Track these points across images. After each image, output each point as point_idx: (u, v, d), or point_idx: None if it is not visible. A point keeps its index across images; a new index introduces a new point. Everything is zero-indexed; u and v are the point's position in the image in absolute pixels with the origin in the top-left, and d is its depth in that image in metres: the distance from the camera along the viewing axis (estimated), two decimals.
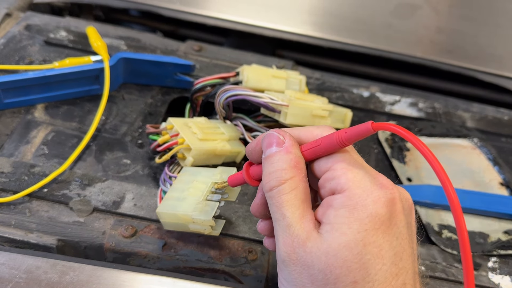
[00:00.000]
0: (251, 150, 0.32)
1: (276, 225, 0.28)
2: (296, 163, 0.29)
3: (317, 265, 0.26)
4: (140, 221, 0.41)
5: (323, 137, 0.29)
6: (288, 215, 0.28)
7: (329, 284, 0.26)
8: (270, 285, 0.40)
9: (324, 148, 0.28)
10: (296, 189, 0.28)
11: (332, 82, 0.61)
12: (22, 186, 0.41)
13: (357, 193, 0.26)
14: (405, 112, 0.58)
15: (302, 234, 0.27)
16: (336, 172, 0.28)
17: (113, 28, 0.62)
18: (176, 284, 0.36)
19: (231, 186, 0.35)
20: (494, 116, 0.61)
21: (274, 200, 0.28)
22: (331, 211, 0.27)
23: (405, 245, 0.27)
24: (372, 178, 0.27)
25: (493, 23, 0.72)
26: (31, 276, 0.35)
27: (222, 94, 0.45)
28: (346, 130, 0.27)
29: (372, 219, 0.26)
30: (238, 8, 0.69)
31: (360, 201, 0.26)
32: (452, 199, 0.24)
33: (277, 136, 0.30)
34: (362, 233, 0.26)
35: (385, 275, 0.26)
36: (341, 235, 0.26)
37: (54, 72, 0.47)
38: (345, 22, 0.70)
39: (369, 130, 0.26)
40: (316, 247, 0.26)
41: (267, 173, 0.29)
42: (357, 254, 0.25)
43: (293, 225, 0.27)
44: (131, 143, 0.48)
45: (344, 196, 0.27)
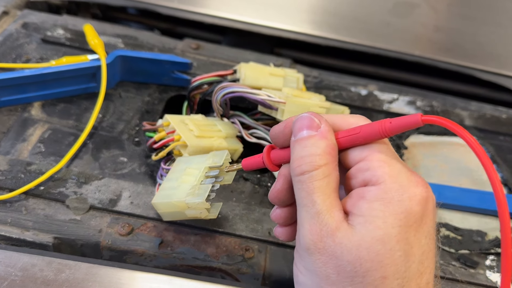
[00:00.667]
0: (277, 132, 0.31)
1: (303, 211, 0.27)
2: (331, 149, 0.28)
3: (346, 257, 0.25)
4: (137, 219, 0.41)
5: (364, 126, 0.28)
6: (318, 202, 0.27)
7: (358, 277, 0.25)
8: (267, 283, 0.39)
9: (363, 137, 0.27)
10: (329, 177, 0.27)
11: (330, 81, 0.61)
12: (18, 184, 0.41)
13: (394, 188, 0.26)
14: (403, 110, 0.58)
15: (332, 223, 0.26)
16: (372, 163, 0.27)
17: (111, 26, 0.62)
18: (173, 282, 0.36)
19: (244, 169, 0.34)
20: (492, 115, 0.61)
21: (304, 185, 0.27)
22: (364, 202, 0.26)
23: (431, 245, 0.27)
24: (409, 174, 0.27)
25: (492, 21, 0.72)
26: (27, 273, 0.35)
27: (219, 92, 0.44)
28: (391, 120, 0.27)
29: (407, 216, 0.26)
30: (236, 6, 0.68)
31: (397, 196, 0.26)
32: (499, 197, 0.24)
33: (313, 119, 0.28)
34: (396, 229, 0.25)
35: (413, 272, 0.26)
36: (375, 229, 0.25)
37: (51, 70, 0.47)
38: (343, 20, 0.70)
39: (417, 122, 0.26)
40: (347, 238, 0.26)
41: (298, 157, 0.28)
42: (390, 249, 0.25)
43: (323, 213, 0.26)
44: (128, 141, 0.48)
45: (379, 189, 0.26)
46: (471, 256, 0.44)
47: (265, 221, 0.42)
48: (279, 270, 0.39)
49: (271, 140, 0.32)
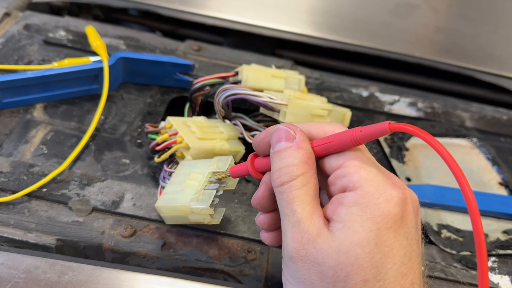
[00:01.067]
0: (258, 142, 0.32)
1: (285, 220, 0.28)
2: (307, 158, 0.28)
3: (327, 263, 0.26)
4: (139, 221, 0.41)
5: (337, 134, 0.29)
6: (298, 211, 0.27)
7: (339, 281, 0.26)
8: (269, 284, 0.40)
9: (336, 145, 0.28)
10: (307, 185, 0.28)
11: (331, 82, 0.61)
12: (21, 185, 0.41)
13: (370, 191, 0.26)
14: (404, 112, 0.58)
15: (312, 230, 0.27)
16: (348, 169, 0.28)
17: (112, 27, 0.62)
18: (175, 284, 0.36)
19: (232, 177, 0.35)
20: (493, 116, 0.61)
21: (284, 195, 0.28)
22: (342, 208, 0.27)
23: (414, 245, 0.27)
24: (385, 177, 0.27)
25: (492, 22, 0.72)
26: (30, 276, 0.35)
27: (221, 94, 0.45)
28: (361, 128, 0.27)
29: (385, 218, 0.26)
30: (237, 8, 0.69)
31: (373, 199, 0.26)
32: (469, 200, 0.24)
33: (287, 131, 0.29)
34: (374, 232, 0.26)
35: (395, 274, 0.26)
36: (353, 233, 0.26)
37: (53, 71, 0.47)
38: (344, 21, 0.70)
39: (385, 130, 0.26)
40: (327, 244, 0.26)
41: (277, 168, 0.29)
42: (369, 252, 0.25)
43: (303, 221, 0.27)
44: (130, 142, 0.48)
45: (356, 194, 0.27)
46: (473, 258, 0.44)
47: None
48: (281, 272, 0.39)
49: (254, 148, 0.33)
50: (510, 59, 0.70)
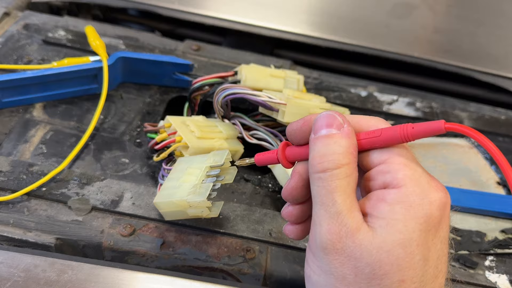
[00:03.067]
0: (294, 129, 0.30)
1: (321, 210, 0.27)
2: (353, 149, 0.27)
3: (366, 259, 0.25)
4: (139, 220, 0.41)
5: (384, 129, 0.28)
6: (339, 202, 0.26)
7: (375, 279, 0.25)
8: (268, 283, 0.40)
9: (383, 140, 0.27)
10: (350, 177, 0.27)
11: (330, 82, 0.61)
12: (20, 185, 0.41)
13: (415, 192, 0.26)
14: (403, 111, 0.59)
15: (352, 224, 0.26)
16: (392, 166, 0.27)
17: (112, 27, 0.62)
18: (174, 283, 0.36)
19: (257, 165, 0.34)
20: (491, 116, 0.61)
21: (325, 183, 0.27)
22: (384, 205, 0.26)
23: (445, 250, 0.27)
24: (429, 178, 0.27)
25: (490, 23, 0.72)
26: (30, 274, 0.35)
27: (220, 93, 0.45)
28: (413, 125, 0.26)
29: (427, 220, 0.26)
30: (236, 8, 0.69)
31: (417, 200, 0.26)
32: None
33: (337, 118, 0.28)
34: (416, 233, 0.25)
35: (428, 276, 0.26)
36: (396, 232, 0.25)
37: (53, 71, 0.47)
38: (342, 21, 0.70)
39: (440, 129, 0.26)
40: (367, 240, 0.26)
41: (320, 154, 0.27)
42: (410, 253, 0.25)
43: (343, 213, 0.26)
44: (130, 142, 0.48)
45: (400, 192, 0.26)
46: (471, 257, 0.44)
47: (266, 222, 0.43)
48: (280, 270, 0.40)
49: (288, 137, 0.31)
50: (508, 59, 0.70)
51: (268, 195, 0.46)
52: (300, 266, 0.40)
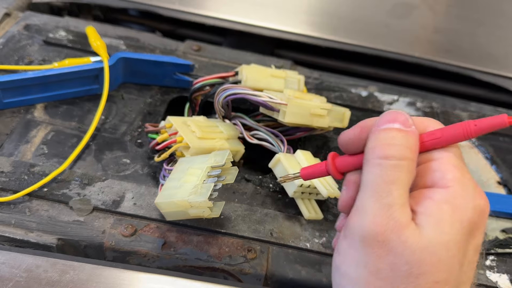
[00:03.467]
0: (351, 138, 0.29)
1: (372, 199, 0.26)
2: (416, 150, 0.27)
3: (407, 257, 0.25)
4: (140, 220, 0.41)
5: (445, 129, 0.27)
6: (395, 195, 0.25)
7: (411, 277, 0.25)
8: (269, 283, 0.40)
9: (445, 141, 0.27)
10: (410, 174, 0.26)
11: (331, 82, 0.61)
12: (22, 185, 0.41)
13: (462, 195, 0.26)
14: (403, 111, 0.59)
15: (402, 219, 0.25)
16: (442, 165, 0.27)
17: (112, 28, 0.62)
18: (176, 283, 0.36)
19: (304, 179, 0.33)
20: (492, 115, 0.61)
21: (384, 171, 0.26)
22: (431, 203, 0.26)
23: (476, 257, 0.27)
24: (475, 184, 0.27)
25: (491, 22, 0.73)
26: (31, 275, 0.35)
27: (221, 93, 0.45)
28: (475, 122, 0.26)
29: (469, 225, 0.26)
30: (236, 8, 0.69)
31: (464, 203, 0.26)
32: None
33: (406, 117, 0.27)
34: (459, 236, 0.25)
35: (458, 280, 0.26)
36: (443, 234, 0.25)
37: (54, 71, 0.47)
38: (343, 22, 0.70)
39: (503, 123, 0.26)
40: (413, 239, 0.25)
41: (385, 142, 0.26)
42: (450, 256, 0.25)
43: (395, 207, 0.25)
44: (131, 142, 0.48)
45: (448, 192, 0.26)
46: None
47: (267, 222, 0.43)
48: (281, 270, 0.40)
49: (341, 147, 0.30)
50: (508, 59, 0.70)
51: (269, 195, 0.46)
52: (301, 266, 0.40)
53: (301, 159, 0.44)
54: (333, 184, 0.43)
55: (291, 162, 0.43)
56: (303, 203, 0.44)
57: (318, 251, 0.41)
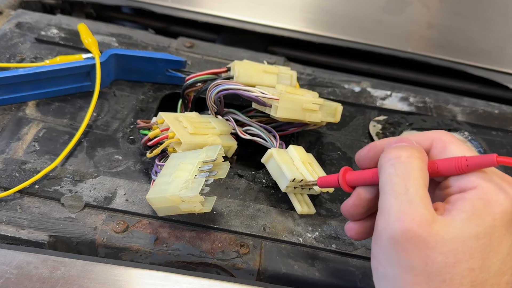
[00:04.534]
0: (362, 155, 0.34)
1: (392, 198, 0.27)
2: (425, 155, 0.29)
3: (440, 248, 0.26)
4: (132, 217, 0.41)
5: (441, 161, 0.29)
6: (411, 190, 0.27)
7: (448, 267, 0.26)
8: (262, 278, 0.40)
9: (442, 173, 0.30)
10: (423, 171, 0.28)
11: (324, 78, 0.61)
12: (13, 182, 0.41)
13: (491, 189, 0.27)
14: (396, 106, 0.59)
15: (425, 214, 0.26)
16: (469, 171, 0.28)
17: (105, 25, 0.62)
18: (168, 278, 0.36)
19: (320, 187, 0.37)
20: (485, 110, 0.61)
21: (398, 170, 0.28)
22: (464, 201, 0.27)
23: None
24: (502, 175, 0.29)
25: (484, 18, 0.73)
26: (22, 271, 0.35)
27: (213, 89, 0.45)
28: (467, 158, 0.28)
29: (502, 215, 0.27)
30: (229, 5, 0.69)
31: (494, 196, 0.27)
32: None
33: (412, 140, 0.31)
34: (492, 228, 0.27)
35: (496, 270, 0.27)
36: (474, 226, 0.26)
37: (45, 68, 0.47)
38: (336, 18, 0.70)
39: (493, 162, 0.27)
40: (444, 231, 0.26)
41: (395, 149, 0.29)
42: (482, 244, 0.26)
43: (415, 202, 0.27)
44: (123, 139, 0.48)
45: (478, 190, 0.27)
46: None
47: (260, 217, 0.43)
48: (274, 265, 0.40)
49: (356, 162, 0.34)
50: (501, 54, 0.70)
51: (262, 190, 0.46)
52: (294, 260, 0.40)
53: (294, 154, 0.44)
54: None
55: (283, 157, 0.43)
56: (295, 198, 0.44)
57: (311, 245, 0.41)
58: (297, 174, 0.42)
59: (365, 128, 0.55)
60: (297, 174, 0.42)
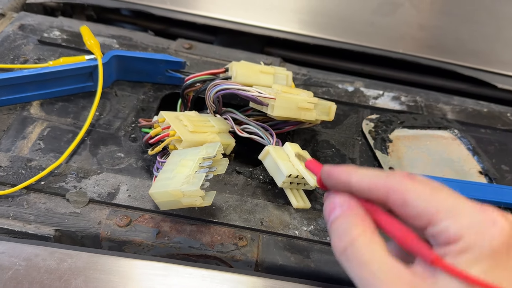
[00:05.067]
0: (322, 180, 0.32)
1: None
2: (361, 219, 0.28)
3: None
4: (135, 211, 0.43)
5: (388, 225, 0.28)
6: (376, 271, 0.26)
7: None
8: (259, 269, 0.41)
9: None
10: (374, 244, 0.27)
11: (318, 78, 0.63)
12: (19, 179, 0.43)
13: (473, 239, 0.25)
14: (388, 105, 0.61)
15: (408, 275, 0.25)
16: (440, 222, 0.26)
17: (105, 27, 0.63)
18: (170, 268, 0.38)
19: (306, 166, 0.36)
20: (474, 108, 0.63)
21: (351, 262, 0.26)
22: (449, 259, 0.26)
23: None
24: (481, 212, 0.26)
25: (473, 19, 0.75)
26: (30, 263, 0.36)
27: (211, 89, 0.46)
28: (411, 244, 0.26)
29: (492, 257, 0.25)
30: (227, 7, 0.70)
31: (478, 241, 0.25)
32: None
33: (336, 202, 0.30)
34: (483, 275, 0.25)
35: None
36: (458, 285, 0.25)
37: (49, 69, 0.49)
38: (330, 20, 0.72)
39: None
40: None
41: (336, 236, 0.28)
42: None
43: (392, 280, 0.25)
44: (125, 137, 0.49)
45: (460, 244, 0.25)
46: None
47: (258, 212, 0.44)
48: (271, 257, 0.41)
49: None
50: (489, 54, 0.72)
51: (259, 186, 0.47)
52: (290, 252, 0.42)
53: (289, 151, 0.46)
54: None
55: (280, 154, 0.45)
56: (291, 193, 0.46)
57: (306, 238, 0.43)
58: (293, 170, 0.43)
59: (358, 126, 0.57)
60: (293, 170, 0.43)
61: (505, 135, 0.61)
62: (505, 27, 0.75)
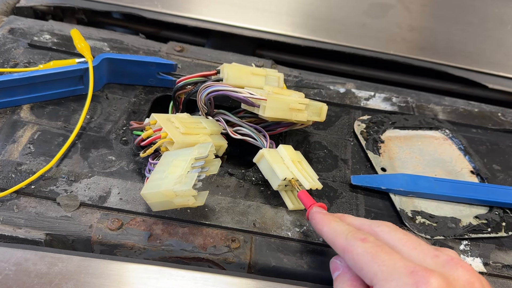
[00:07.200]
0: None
1: None
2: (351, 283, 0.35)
3: None
4: (126, 214, 0.42)
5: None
6: None
7: None
8: (252, 271, 0.41)
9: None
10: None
11: (310, 80, 0.63)
12: (9, 183, 0.42)
13: None
14: (379, 106, 0.61)
15: None
16: (377, 285, 0.31)
17: (96, 30, 0.63)
18: (162, 271, 0.37)
19: (299, 197, 0.42)
20: (465, 109, 0.64)
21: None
22: None
23: None
24: (410, 275, 0.30)
25: (463, 20, 0.76)
26: (20, 268, 0.36)
27: (203, 91, 0.46)
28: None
29: None
30: (218, 10, 0.71)
31: None
32: None
33: (337, 264, 0.37)
34: None
35: None
36: None
37: (39, 73, 0.48)
38: (321, 22, 0.72)
39: None
40: None
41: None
42: None
43: None
44: (116, 140, 0.49)
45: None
46: (446, 242, 0.46)
47: (250, 213, 0.44)
48: (264, 259, 0.41)
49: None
50: (480, 55, 0.73)
51: (252, 188, 0.47)
52: (283, 254, 0.42)
53: (284, 153, 0.46)
54: (314, 177, 0.45)
55: (274, 157, 0.45)
56: (286, 195, 0.46)
57: (299, 239, 0.43)
58: (287, 173, 0.43)
59: (350, 127, 0.57)
60: (287, 173, 0.44)
61: (496, 135, 0.61)
62: (494, 28, 0.76)
